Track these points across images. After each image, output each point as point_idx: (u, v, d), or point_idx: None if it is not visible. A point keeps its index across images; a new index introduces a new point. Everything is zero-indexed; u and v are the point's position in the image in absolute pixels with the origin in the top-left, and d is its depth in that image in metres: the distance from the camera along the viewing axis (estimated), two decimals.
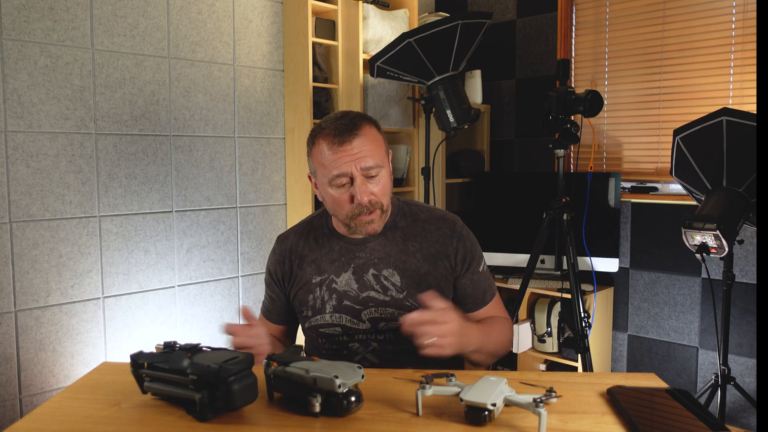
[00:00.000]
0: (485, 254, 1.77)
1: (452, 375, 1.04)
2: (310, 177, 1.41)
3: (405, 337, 1.33)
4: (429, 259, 1.40)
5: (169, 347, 1.06)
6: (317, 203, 2.85)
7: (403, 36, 2.43)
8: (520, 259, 2.97)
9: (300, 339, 2.75)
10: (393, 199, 1.45)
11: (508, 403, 0.98)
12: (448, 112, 2.53)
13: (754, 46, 2.56)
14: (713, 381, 2.30)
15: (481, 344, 1.30)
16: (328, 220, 1.46)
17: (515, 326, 2.79)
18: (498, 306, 1.49)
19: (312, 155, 1.35)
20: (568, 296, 2.45)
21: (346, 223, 1.35)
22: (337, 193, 1.32)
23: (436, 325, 1.15)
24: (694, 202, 2.49)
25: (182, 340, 2.35)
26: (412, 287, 1.37)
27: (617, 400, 1.04)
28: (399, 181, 3.06)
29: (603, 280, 3.01)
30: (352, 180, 1.29)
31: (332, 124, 1.32)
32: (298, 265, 1.44)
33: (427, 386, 1.00)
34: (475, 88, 3.26)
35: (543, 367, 3.04)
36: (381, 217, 1.35)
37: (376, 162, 1.30)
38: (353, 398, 0.98)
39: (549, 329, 2.87)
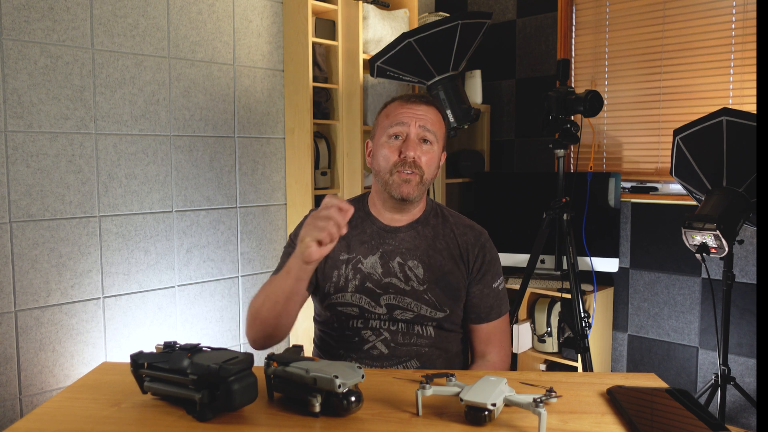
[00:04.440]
0: None
1: (452, 375, 1.04)
2: (367, 143, 1.51)
3: (416, 331, 1.39)
4: (453, 260, 1.44)
5: (169, 347, 1.06)
6: (318, 203, 2.85)
7: (403, 36, 2.43)
8: (520, 259, 2.97)
9: (298, 337, 2.75)
10: (428, 199, 1.53)
11: (508, 403, 0.98)
12: (449, 112, 2.53)
13: (754, 46, 2.56)
14: (713, 381, 2.30)
15: None
16: (365, 203, 1.51)
17: (515, 326, 2.79)
18: (500, 330, 1.48)
19: (380, 114, 1.47)
20: (568, 296, 2.45)
21: (386, 179, 1.40)
22: (389, 144, 1.41)
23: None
24: (694, 202, 2.49)
25: (182, 340, 2.35)
26: (433, 282, 1.41)
27: (617, 400, 1.04)
28: None
29: (603, 280, 3.01)
30: (407, 138, 1.40)
31: (409, 93, 1.49)
32: None
33: (427, 386, 1.00)
34: (475, 88, 3.26)
35: (543, 367, 3.04)
36: (418, 185, 1.40)
37: (433, 130, 1.41)
38: (353, 398, 0.98)
39: (549, 329, 2.87)
